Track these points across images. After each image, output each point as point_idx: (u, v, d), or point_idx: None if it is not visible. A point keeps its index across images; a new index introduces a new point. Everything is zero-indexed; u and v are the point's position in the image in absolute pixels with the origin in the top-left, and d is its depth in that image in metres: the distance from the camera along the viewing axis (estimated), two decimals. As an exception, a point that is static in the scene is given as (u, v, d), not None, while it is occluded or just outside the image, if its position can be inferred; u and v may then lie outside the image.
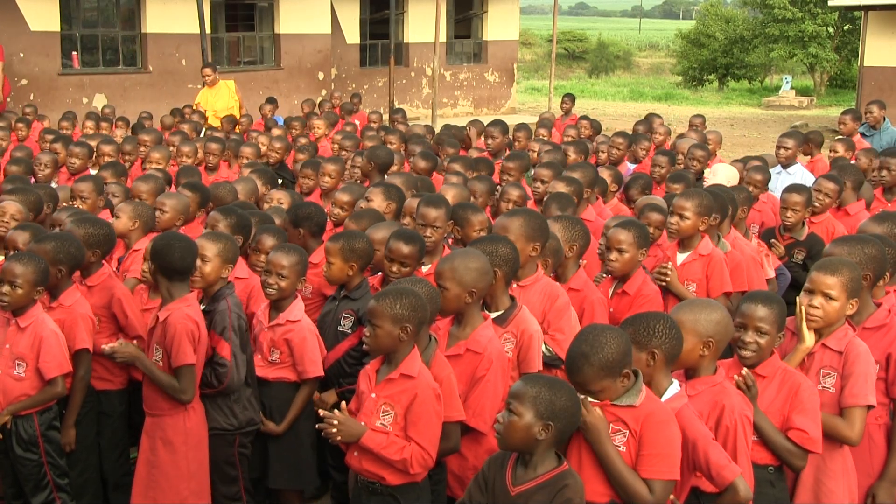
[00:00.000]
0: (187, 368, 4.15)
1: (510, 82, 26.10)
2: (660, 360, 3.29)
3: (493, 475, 3.17)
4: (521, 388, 3.05)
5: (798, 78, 36.16)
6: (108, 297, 4.71)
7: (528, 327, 4.07)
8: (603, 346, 3.09)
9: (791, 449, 3.57)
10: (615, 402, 3.14)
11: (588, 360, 3.10)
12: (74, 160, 7.88)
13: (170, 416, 4.23)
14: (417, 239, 4.51)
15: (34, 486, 4.37)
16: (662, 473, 3.11)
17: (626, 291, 4.83)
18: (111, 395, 4.79)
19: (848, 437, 3.71)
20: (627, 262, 4.79)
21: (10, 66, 16.01)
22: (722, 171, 7.39)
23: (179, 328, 4.12)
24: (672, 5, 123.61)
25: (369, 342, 3.60)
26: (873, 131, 10.60)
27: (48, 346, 4.29)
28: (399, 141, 9.20)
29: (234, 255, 4.50)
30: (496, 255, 4.02)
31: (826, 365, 3.81)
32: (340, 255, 4.55)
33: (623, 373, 3.12)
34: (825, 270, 3.82)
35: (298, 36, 20.19)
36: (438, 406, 3.59)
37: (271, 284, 4.41)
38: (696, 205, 5.16)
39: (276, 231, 5.13)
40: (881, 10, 20.42)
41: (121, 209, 5.46)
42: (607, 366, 3.09)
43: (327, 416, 3.60)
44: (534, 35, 51.95)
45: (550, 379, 3.12)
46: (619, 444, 3.13)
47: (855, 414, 3.72)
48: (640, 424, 3.12)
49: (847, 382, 3.74)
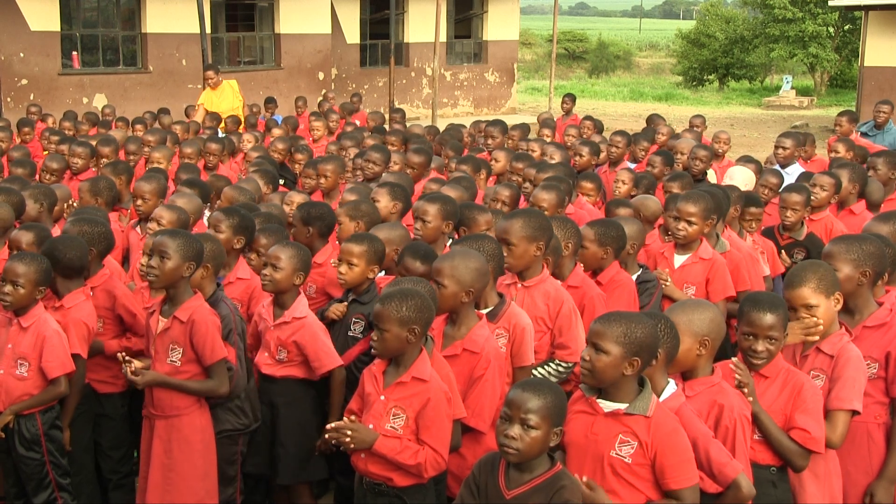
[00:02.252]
0: (221, 363, 4.19)
1: (510, 82, 26.12)
2: (661, 360, 3.29)
3: (484, 479, 3.14)
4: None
5: (798, 78, 36.17)
6: (111, 299, 4.70)
7: (518, 321, 4.09)
8: (640, 322, 3.15)
9: (794, 448, 3.56)
10: (627, 411, 3.13)
11: (620, 319, 3.16)
12: (77, 160, 7.88)
13: (187, 416, 4.23)
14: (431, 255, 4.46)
15: (36, 486, 4.37)
16: (691, 479, 3.11)
17: (600, 282, 4.84)
18: (113, 397, 4.79)
19: (830, 439, 3.66)
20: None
21: (10, 65, 16.04)
22: (739, 174, 7.37)
23: (210, 325, 4.15)
24: (672, 5, 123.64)
25: (378, 346, 3.59)
26: (876, 131, 10.56)
27: (51, 345, 4.29)
28: (399, 142, 9.22)
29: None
30: (482, 252, 4.05)
31: (816, 367, 3.80)
32: (365, 257, 4.50)
33: (633, 359, 3.11)
34: (793, 286, 3.82)
35: (298, 36, 20.21)
36: (449, 409, 3.60)
37: (265, 275, 4.41)
38: (702, 209, 5.14)
39: (276, 230, 5.13)
40: (881, 10, 20.42)
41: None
42: (629, 335, 3.10)
43: (339, 425, 3.57)
44: (534, 35, 51.95)
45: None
46: (625, 455, 3.12)
47: (838, 417, 3.69)
48: (650, 436, 3.10)
49: (834, 386, 3.73)
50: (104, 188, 6.25)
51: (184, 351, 4.20)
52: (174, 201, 5.61)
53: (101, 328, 4.67)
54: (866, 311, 4.02)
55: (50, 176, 7.43)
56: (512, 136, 9.50)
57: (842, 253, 4.03)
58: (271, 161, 8.17)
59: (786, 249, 6.16)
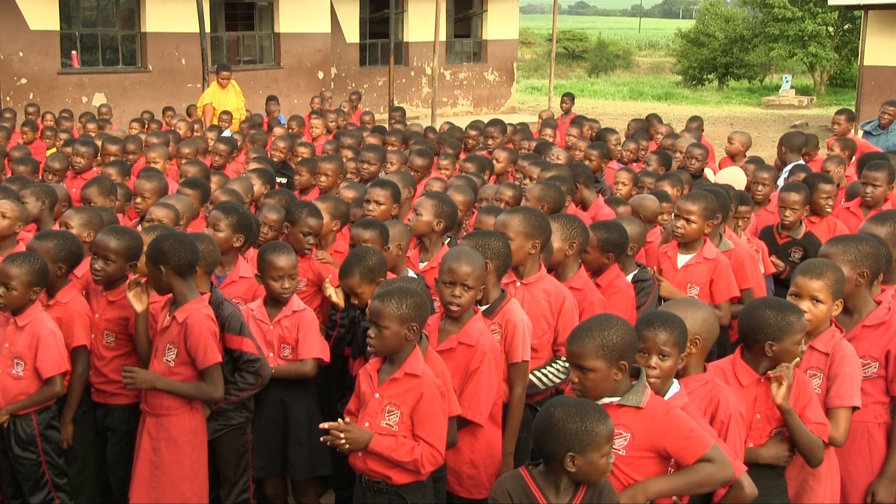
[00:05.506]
0: (215, 367, 4.16)
1: (510, 81, 26.12)
2: None
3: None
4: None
5: (798, 77, 36.19)
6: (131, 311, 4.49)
7: (512, 317, 4.09)
8: (610, 327, 3.15)
9: (818, 443, 3.55)
10: (620, 403, 3.13)
11: (591, 333, 3.14)
12: (80, 159, 7.87)
13: (175, 416, 4.21)
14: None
15: (33, 486, 4.37)
16: (703, 446, 3.10)
17: (599, 284, 4.83)
18: (117, 409, 4.63)
19: (833, 437, 3.68)
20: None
21: (10, 65, 16.04)
22: (729, 173, 7.38)
23: (204, 329, 4.11)
24: (672, 4, 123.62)
25: (376, 343, 3.60)
26: (880, 131, 10.53)
27: (46, 345, 4.28)
28: (399, 141, 9.22)
29: None
30: (488, 249, 4.07)
31: (812, 366, 3.80)
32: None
33: (619, 364, 3.13)
34: (810, 275, 3.82)
35: (298, 35, 20.21)
36: (444, 403, 3.61)
37: (287, 289, 4.46)
38: (702, 208, 5.13)
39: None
40: (881, 9, 20.42)
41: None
42: (606, 346, 3.11)
43: (333, 426, 3.57)
44: (533, 34, 51.96)
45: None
46: (618, 448, 3.12)
47: (840, 415, 3.71)
48: (645, 426, 3.11)
49: (833, 384, 3.73)
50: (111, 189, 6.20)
51: (178, 353, 4.18)
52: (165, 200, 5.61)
53: (115, 343, 4.60)
54: (865, 311, 4.03)
55: (52, 175, 7.43)
56: (514, 139, 9.49)
57: (839, 254, 4.04)
58: (270, 161, 8.17)
59: (784, 248, 6.18)
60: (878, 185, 6.42)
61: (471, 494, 3.99)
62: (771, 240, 6.23)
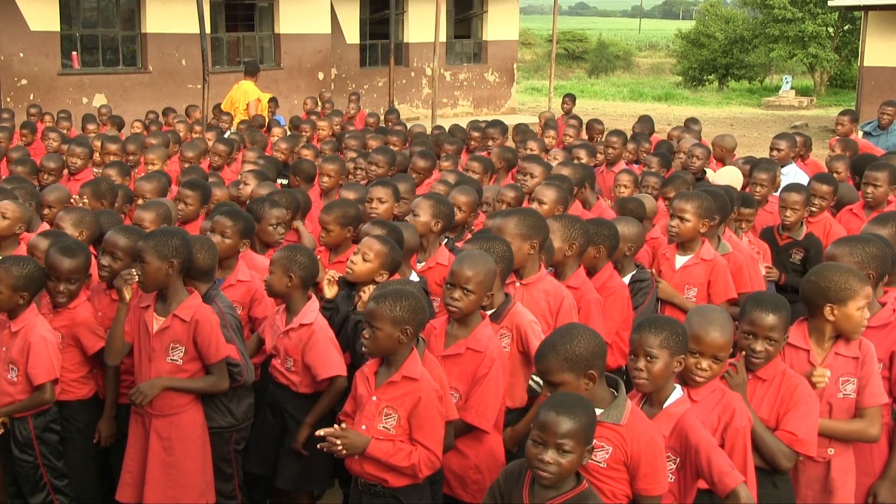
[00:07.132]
0: (224, 360, 4.25)
1: (510, 82, 26.12)
2: None
3: (509, 489, 3.11)
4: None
5: (798, 78, 36.20)
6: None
7: (521, 320, 4.09)
8: (572, 339, 3.14)
9: (778, 449, 3.53)
10: (601, 419, 3.10)
11: (555, 348, 3.14)
12: (76, 160, 7.84)
13: (186, 413, 4.25)
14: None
15: (32, 487, 4.38)
16: (660, 488, 3.14)
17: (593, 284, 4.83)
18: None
19: (873, 436, 3.78)
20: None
21: (10, 65, 16.03)
22: (726, 174, 7.36)
23: (214, 325, 4.19)
24: (672, 5, 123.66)
25: (368, 344, 3.58)
26: (881, 132, 10.53)
27: (36, 351, 4.25)
28: (401, 142, 9.22)
29: None
30: (492, 252, 4.05)
31: (844, 372, 3.80)
32: (381, 257, 4.41)
33: (588, 373, 3.13)
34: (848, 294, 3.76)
35: (298, 36, 20.20)
36: (441, 407, 3.59)
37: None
38: (696, 206, 5.11)
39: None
40: (881, 10, 20.44)
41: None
42: (571, 359, 3.11)
43: (329, 432, 3.55)
44: (534, 35, 51.95)
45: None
46: (599, 461, 3.12)
47: (875, 413, 3.78)
48: (626, 443, 3.11)
49: (867, 384, 3.77)
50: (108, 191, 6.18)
51: (186, 349, 4.21)
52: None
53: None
54: (870, 312, 4.02)
55: (48, 176, 7.41)
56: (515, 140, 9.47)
57: (846, 255, 4.05)
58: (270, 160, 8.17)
59: (785, 250, 6.16)
60: (879, 186, 6.40)
61: (475, 499, 3.97)
62: (772, 241, 6.21)
